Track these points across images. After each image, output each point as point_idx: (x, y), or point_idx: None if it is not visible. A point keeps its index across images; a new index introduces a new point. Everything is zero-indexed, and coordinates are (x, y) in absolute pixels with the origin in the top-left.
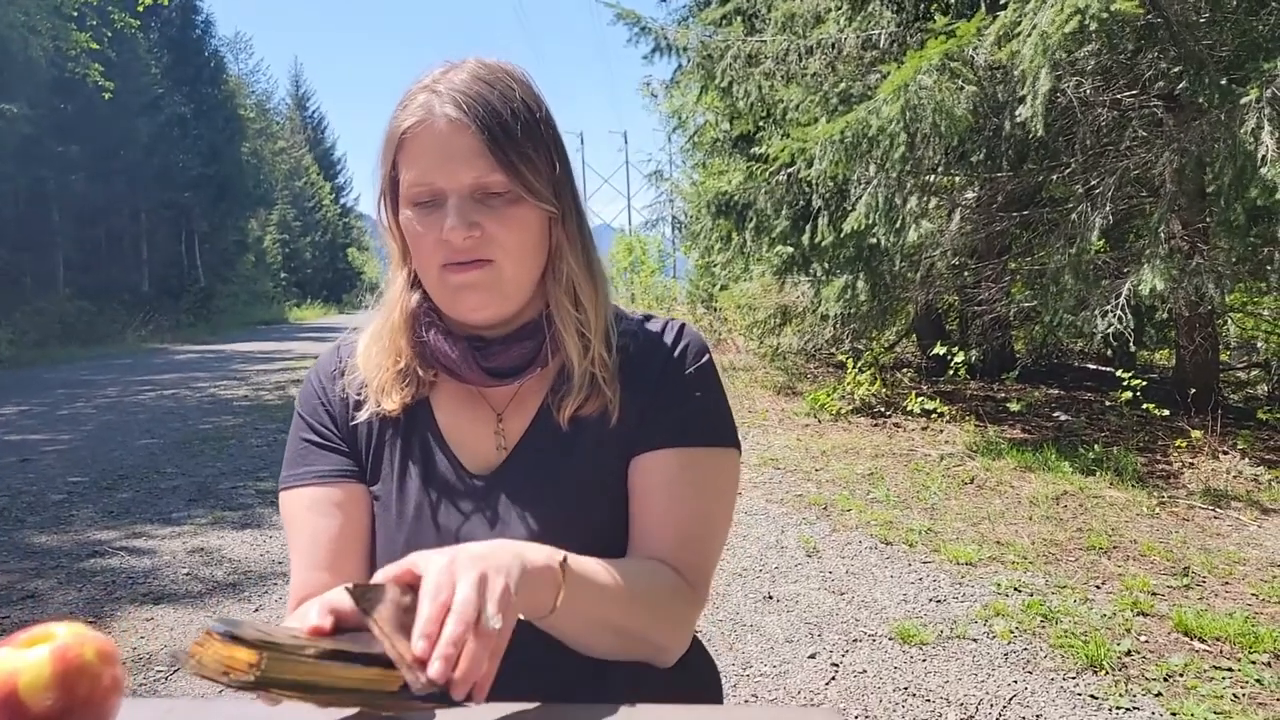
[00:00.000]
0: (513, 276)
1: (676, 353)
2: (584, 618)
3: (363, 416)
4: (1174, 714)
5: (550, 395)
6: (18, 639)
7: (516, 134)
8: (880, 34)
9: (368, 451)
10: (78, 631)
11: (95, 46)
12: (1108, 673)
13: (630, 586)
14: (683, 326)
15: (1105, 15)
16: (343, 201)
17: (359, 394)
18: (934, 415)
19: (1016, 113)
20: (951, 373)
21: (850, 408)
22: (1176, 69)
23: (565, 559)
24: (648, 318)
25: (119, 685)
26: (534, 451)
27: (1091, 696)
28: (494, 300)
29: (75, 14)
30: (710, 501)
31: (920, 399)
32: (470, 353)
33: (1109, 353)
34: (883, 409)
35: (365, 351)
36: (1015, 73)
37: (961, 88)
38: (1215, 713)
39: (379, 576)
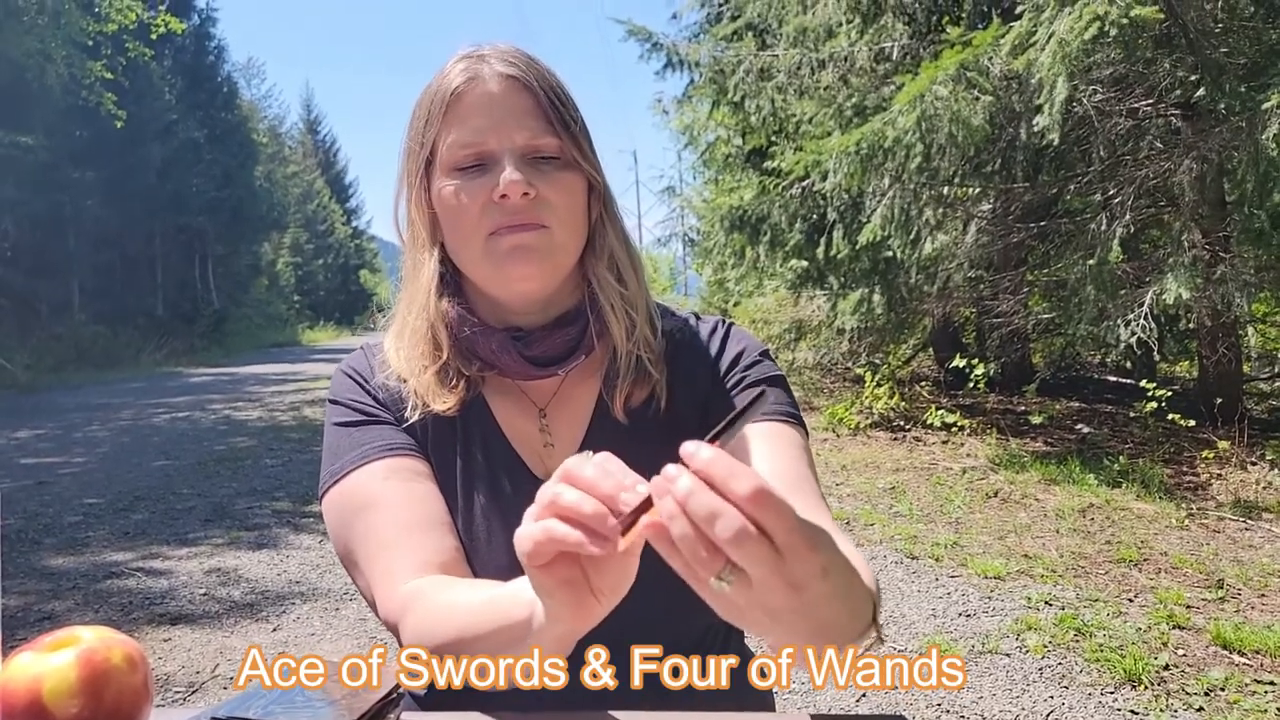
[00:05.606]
0: (564, 245)
1: (735, 341)
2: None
3: (415, 417)
4: None
5: (604, 388)
6: (42, 643)
7: (568, 99)
8: (893, 46)
9: (425, 452)
10: (104, 635)
11: (109, 76)
12: (1147, 687)
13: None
14: (733, 323)
15: (1125, 21)
16: (355, 224)
17: (403, 394)
18: (954, 429)
19: (1033, 122)
20: (971, 386)
21: (869, 422)
22: (1194, 76)
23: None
24: (696, 315)
25: (148, 692)
26: (596, 449)
27: (1132, 712)
28: (545, 269)
29: (90, 43)
30: (811, 470)
31: (940, 412)
32: (509, 342)
33: (1129, 365)
34: (902, 423)
35: (395, 345)
36: (1032, 81)
37: (978, 97)
38: None
39: None
